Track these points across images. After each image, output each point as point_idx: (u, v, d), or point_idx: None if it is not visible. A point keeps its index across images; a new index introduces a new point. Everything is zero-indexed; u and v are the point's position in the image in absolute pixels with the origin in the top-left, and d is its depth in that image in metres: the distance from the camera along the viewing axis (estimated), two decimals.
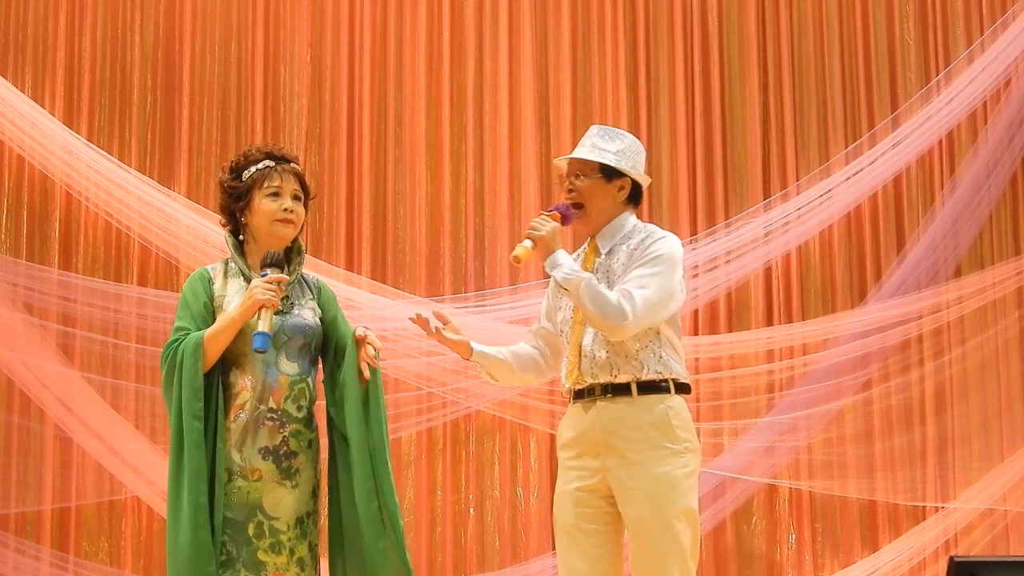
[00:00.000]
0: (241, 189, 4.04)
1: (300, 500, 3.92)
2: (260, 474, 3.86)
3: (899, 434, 7.03)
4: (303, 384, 3.95)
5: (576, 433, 4.16)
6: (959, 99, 7.08)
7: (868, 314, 6.99)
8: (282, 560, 3.86)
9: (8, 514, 6.60)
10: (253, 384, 3.90)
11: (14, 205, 6.91)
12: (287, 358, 3.94)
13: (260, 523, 3.85)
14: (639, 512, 4.03)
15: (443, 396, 6.83)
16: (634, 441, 4.06)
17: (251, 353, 3.87)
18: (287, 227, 4.01)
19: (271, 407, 3.89)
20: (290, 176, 4.05)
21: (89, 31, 7.09)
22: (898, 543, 6.89)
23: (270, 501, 3.87)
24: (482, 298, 6.99)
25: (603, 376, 4.11)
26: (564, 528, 4.16)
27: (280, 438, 3.88)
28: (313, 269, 6.73)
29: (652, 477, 4.03)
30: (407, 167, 7.16)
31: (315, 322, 4.03)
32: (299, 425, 3.92)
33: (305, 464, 3.94)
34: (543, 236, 4.09)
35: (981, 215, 7.16)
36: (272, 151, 4.11)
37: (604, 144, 4.25)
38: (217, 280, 4.02)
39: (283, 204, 4.00)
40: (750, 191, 7.22)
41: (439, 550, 6.88)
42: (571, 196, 4.25)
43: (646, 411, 4.09)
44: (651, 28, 7.37)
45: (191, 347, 3.84)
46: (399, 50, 7.27)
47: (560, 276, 4.07)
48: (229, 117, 7.13)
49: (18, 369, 6.55)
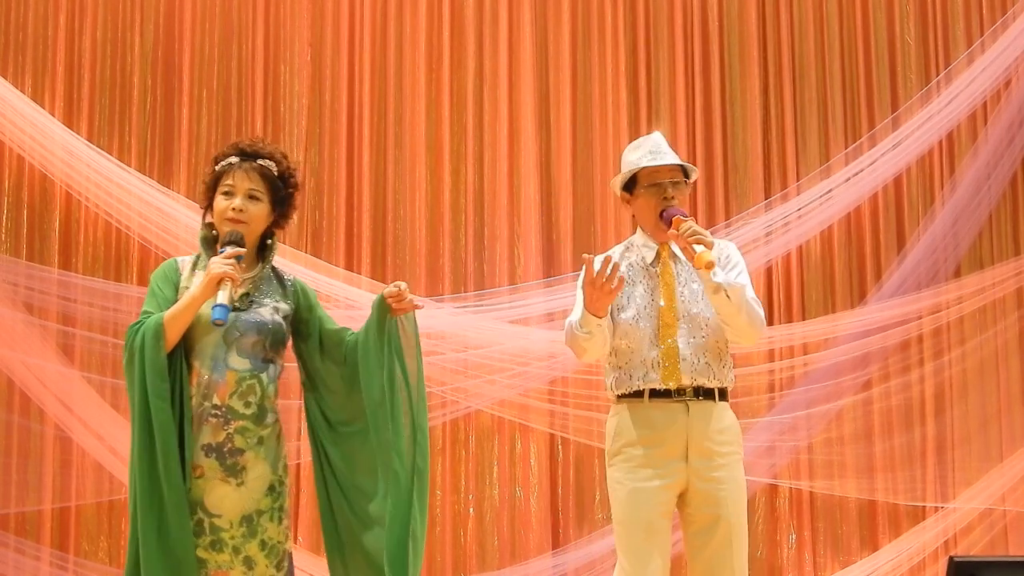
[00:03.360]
0: (208, 185, 4.07)
1: (248, 498, 3.87)
2: (202, 471, 3.83)
3: (899, 434, 7.03)
4: (253, 380, 3.91)
5: (660, 430, 4.21)
6: (959, 100, 7.08)
7: (868, 314, 6.99)
8: (224, 558, 3.83)
9: (8, 514, 6.60)
10: (199, 379, 3.88)
11: (14, 205, 6.91)
12: (237, 354, 3.91)
13: (200, 520, 3.82)
14: (726, 514, 4.17)
15: (442, 396, 6.82)
16: (721, 444, 4.21)
17: (201, 348, 3.87)
18: (234, 227, 3.98)
19: (215, 403, 3.86)
20: (251, 174, 4.02)
21: (89, 31, 7.09)
22: (898, 543, 6.89)
23: (212, 499, 3.83)
24: (481, 298, 6.99)
25: (700, 379, 4.22)
26: (643, 524, 4.19)
27: (224, 435, 3.85)
28: (313, 268, 6.82)
29: (736, 481, 4.22)
30: (407, 167, 7.16)
31: (273, 320, 3.99)
32: (246, 422, 3.88)
33: (255, 462, 3.89)
34: (712, 241, 4.15)
35: (981, 215, 7.16)
36: (244, 147, 4.09)
37: (675, 153, 4.42)
38: (185, 271, 4.02)
39: (232, 203, 3.99)
40: (750, 191, 7.22)
41: (438, 550, 6.87)
42: (675, 202, 4.31)
43: (725, 416, 4.28)
44: (651, 28, 7.37)
45: (152, 327, 3.82)
46: (399, 50, 7.27)
47: (723, 280, 4.15)
48: (229, 117, 7.13)
49: (18, 369, 6.55)
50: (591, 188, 7.19)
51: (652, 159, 4.34)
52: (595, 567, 6.64)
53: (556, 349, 6.64)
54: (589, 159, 7.24)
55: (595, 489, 6.90)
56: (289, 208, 4.16)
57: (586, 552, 6.72)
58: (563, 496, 6.95)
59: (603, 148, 7.22)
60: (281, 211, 4.13)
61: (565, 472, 6.97)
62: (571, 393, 6.83)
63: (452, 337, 6.86)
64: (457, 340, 6.86)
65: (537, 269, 7.04)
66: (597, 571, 6.61)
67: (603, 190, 7.16)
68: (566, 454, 6.97)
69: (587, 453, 6.91)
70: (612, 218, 7.13)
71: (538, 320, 6.91)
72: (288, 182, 4.12)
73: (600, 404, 6.64)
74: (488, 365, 6.78)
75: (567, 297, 6.66)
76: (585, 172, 7.23)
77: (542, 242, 7.11)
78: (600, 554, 6.57)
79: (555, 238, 7.11)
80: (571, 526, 6.88)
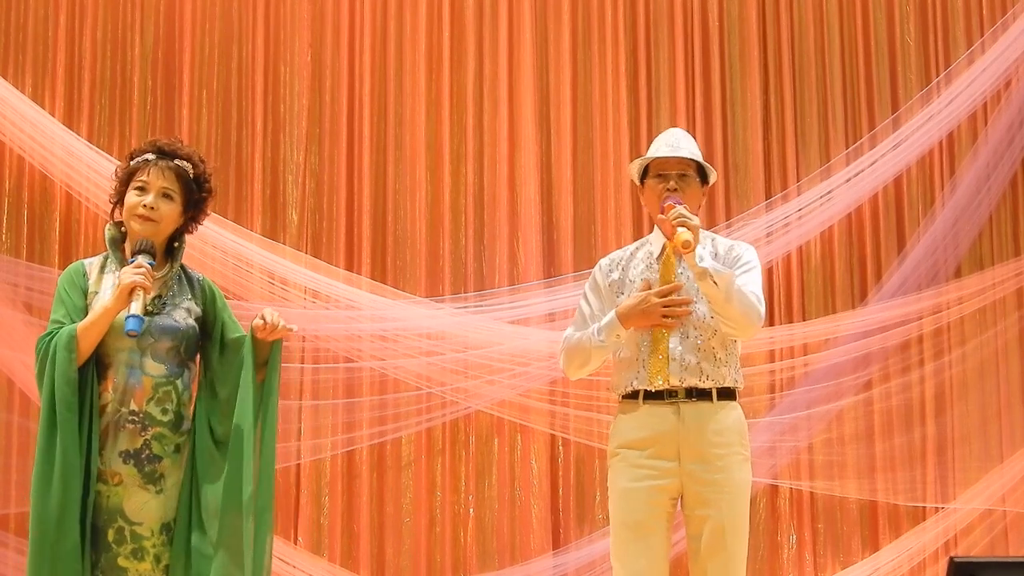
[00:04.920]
0: (121, 179, 4.01)
1: (166, 506, 3.84)
2: (121, 478, 3.79)
3: (899, 434, 7.03)
4: (169, 387, 3.87)
5: (651, 433, 4.19)
6: (959, 100, 7.08)
7: (868, 315, 6.99)
8: (145, 567, 3.79)
9: (8, 514, 6.60)
10: (115, 385, 3.82)
11: (14, 205, 6.90)
12: (153, 359, 3.86)
13: (121, 528, 3.78)
14: (720, 516, 4.13)
15: (442, 396, 6.82)
16: (717, 446, 4.16)
17: (116, 354, 3.82)
18: (144, 224, 3.92)
19: (132, 409, 3.81)
20: (166, 173, 3.96)
21: (89, 31, 7.08)
22: (898, 543, 6.88)
23: (132, 506, 3.79)
24: (482, 298, 6.99)
25: (690, 380, 4.18)
26: (631, 525, 4.18)
27: (141, 441, 3.81)
28: (313, 269, 6.82)
29: (734, 483, 4.16)
30: (407, 167, 7.16)
31: (186, 324, 3.95)
32: (164, 428, 3.85)
33: (172, 468, 3.86)
34: (697, 225, 4.11)
35: (981, 216, 7.15)
36: (162, 145, 4.04)
37: (695, 148, 4.40)
38: (92, 275, 3.96)
39: (144, 200, 3.92)
40: (751, 192, 7.22)
41: (438, 551, 6.87)
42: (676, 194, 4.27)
43: (726, 416, 4.22)
44: (651, 28, 7.36)
45: (64, 339, 3.76)
46: (399, 50, 7.26)
47: (710, 266, 4.08)
48: (229, 117, 7.12)
49: (18, 369, 6.54)
50: (591, 188, 7.19)
51: (668, 152, 4.35)
52: (596, 567, 6.63)
53: (556, 349, 6.60)
54: (589, 159, 7.23)
55: (595, 489, 6.90)
56: (200, 213, 4.10)
57: (587, 552, 6.72)
58: (563, 496, 6.95)
59: (603, 148, 7.21)
60: (192, 214, 4.07)
61: (566, 473, 6.96)
62: (571, 393, 6.82)
63: (452, 337, 6.86)
64: (457, 340, 6.86)
65: (537, 269, 7.03)
66: (598, 571, 6.60)
67: (603, 190, 7.15)
68: (567, 455, 6.96)
69: (587, 453, 6.90)
70: (613, 218, 7.13)
71: (538, 320, 6.91)
72: (203, 186, 4.07)
73: (600, 404, 6.64)
74: (488, 365, 6.78)
75: (567, 297, 6.67)
76: (585, 172, 7.22)
77: (542, 242, 7.11)
78: (601, 554, 6.55)
79: (555, 238, 7.11)
80: (571, 526, 6.88)
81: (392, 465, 6.93)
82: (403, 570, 6.83)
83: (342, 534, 6.83)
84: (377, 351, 6.86)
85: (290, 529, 6.80)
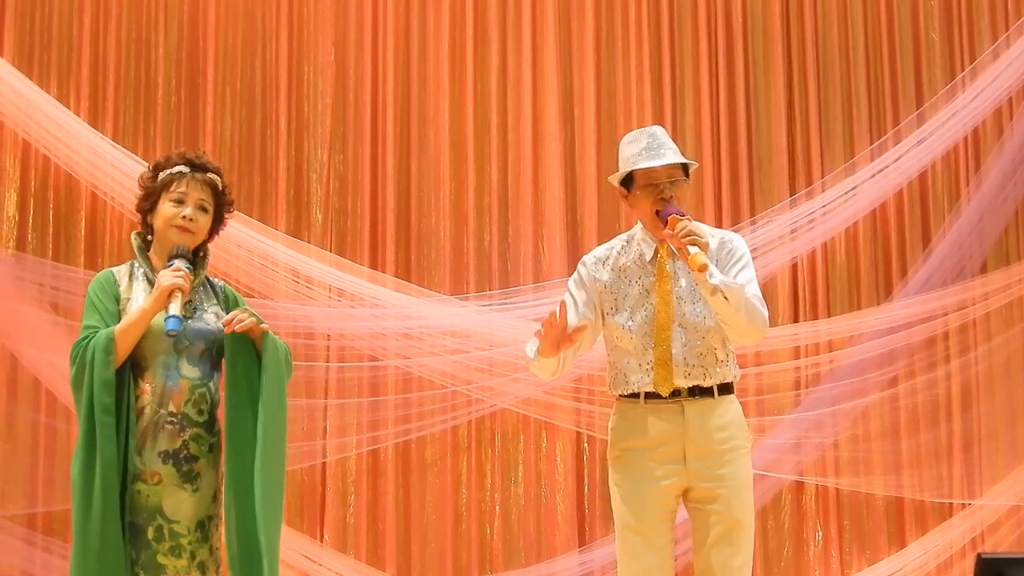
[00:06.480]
0: (151, 190, 4.07)
1: (201, 504, 3.92)
2: (160, 478, 3.86)
3: (925, 431, 7.02)
4: (204, 388, 3.96)
5: (656, 433, 4.17)
6: (984, 95, 7.06)
7: (894, 311, 6.97)
8: (182, 564, 3.87)
9: (35, 513, 6.62)
10: (153, 388, 3.90)
11: (40, 205, 6.93)
12: (188, 362, 3.95)
13: (160, 526, 3.85)
14: (732, 512, 4.13)
15: (468, 394, 6.83)
16: (721, 441, 4.16)
17: (153, 357, 3.89)
18: (182, 234, 4.02)
19: (171, 411, 3.89)
20: (202, 185, 4.06)
21: (114, 31, 7.10)
22: (925, 540, 6.87)
23: (170, 504, 3.87)
24: (506, 296, 6.99)
25: (694, 380, 4.17)
26: (637, 525, 4.16)
27: (180, 442, 3.89)
28: (337, 268, 6.83)
29: (739, 477, 4.17)
30: (431, 166, 7.17)
31: (217, 327, 4.02)
32: (200, 429, 3.93)
33: (206, 468, 3.94)
34: (706, 242, 4.08)
35: (1007, 211, 7.14)
36: (192, 158, 4.12)
37: (673, 145, 4.35)
38: (122, 282, 4.03)
39: (183, 211, 4.01)
40: (775, 188, 7.21)
41: (464, 548, 6.88)
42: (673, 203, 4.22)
43: (727, 410, 4.21)
44: (675, 25, 7.36)
45: (102, 342, 3.83)
46: (423, 49, 7.27)
47: (720, 282, 4.04)
48: (253, 116, 7.14)
49: (44, 368, 6.56)
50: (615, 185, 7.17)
51: (649, 158, 4.27)
52: None
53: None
54: (613, 156, 7.13)
55: None
56: (223, 223, 4.20)
57: (612, 550, 6.64)
58: (589, 493, 6.95)
59: None
60: (216, 226, 4.18)
61: (591, 469, 6.96)
62: (596, 391, 6.80)
63: (477, 335, 6.86)
64: (482, 338, 6.86)
65: (562, 267, 7.02)
66: None
67: None
68: (592, 451, 6.96)
69: None
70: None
71: None
72: (225, 198, 4.17)
73: None
74: (513, 363, 6.77)
75: None
76: (609, 169, 7.14)
77: (567, 240, 7.11)
78: None
79: (580, 235, 7.11)
80: (597, 523, 6.88)
81: (417, 463, 6.94)
82: (429, 568, 6.84)
83: (368, 532, 6.85)
84: (402, 349, 6.87)
85: (316, 527, 6.81)
